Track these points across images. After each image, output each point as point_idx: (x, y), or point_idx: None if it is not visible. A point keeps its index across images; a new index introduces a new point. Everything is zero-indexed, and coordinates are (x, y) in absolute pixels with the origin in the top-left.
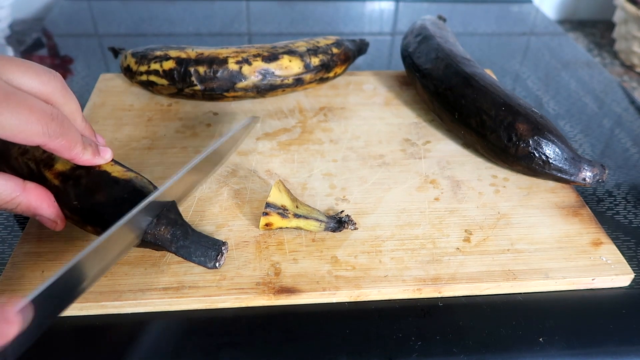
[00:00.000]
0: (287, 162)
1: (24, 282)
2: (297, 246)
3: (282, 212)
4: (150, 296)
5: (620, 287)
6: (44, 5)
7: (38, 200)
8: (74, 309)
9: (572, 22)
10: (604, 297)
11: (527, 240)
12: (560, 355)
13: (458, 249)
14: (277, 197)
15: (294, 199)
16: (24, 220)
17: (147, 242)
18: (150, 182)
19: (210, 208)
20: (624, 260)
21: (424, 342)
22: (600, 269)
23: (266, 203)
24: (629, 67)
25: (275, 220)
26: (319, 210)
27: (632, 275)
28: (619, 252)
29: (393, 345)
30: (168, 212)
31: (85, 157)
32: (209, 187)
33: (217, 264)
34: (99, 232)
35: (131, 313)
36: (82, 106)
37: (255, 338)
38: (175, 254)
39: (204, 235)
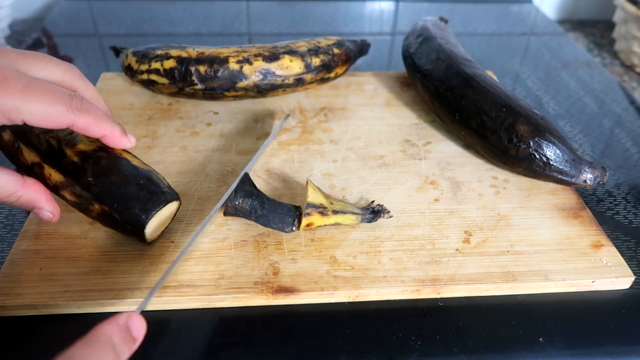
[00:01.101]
0: (287, 162)
1: (22, 280)
2: (296, 246)
3: (322, 210)
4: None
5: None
6: (44, 5)
7: (36, 194)
8: (72, 307)
9: (572, 22)
10: (604, 297)
11: (527, 242)
12: (560, 355)
13: (457, 250)
14: (314, 196)
15: (327, 196)
16: (22, 219)
17: (228, 214)
18: (163, 178)
19: (210, 207)
20: (624, 263)
21: (424, 342)
22: (601, 271)
23: (307, 204)
24: (629, 67)
25: (316, 219)
26: (351, 204)
27: (633, 278)
28: (619, 254)
29: (393, 345)
30: (243, 184)
31: (116, 133)
32: (208, 187)
33: (293, 228)
34: (102, 213)
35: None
36: None
37: (256, 338)
38: (255, 222)
39: (280, 203)
